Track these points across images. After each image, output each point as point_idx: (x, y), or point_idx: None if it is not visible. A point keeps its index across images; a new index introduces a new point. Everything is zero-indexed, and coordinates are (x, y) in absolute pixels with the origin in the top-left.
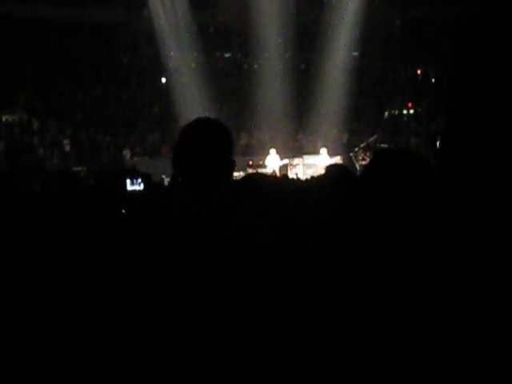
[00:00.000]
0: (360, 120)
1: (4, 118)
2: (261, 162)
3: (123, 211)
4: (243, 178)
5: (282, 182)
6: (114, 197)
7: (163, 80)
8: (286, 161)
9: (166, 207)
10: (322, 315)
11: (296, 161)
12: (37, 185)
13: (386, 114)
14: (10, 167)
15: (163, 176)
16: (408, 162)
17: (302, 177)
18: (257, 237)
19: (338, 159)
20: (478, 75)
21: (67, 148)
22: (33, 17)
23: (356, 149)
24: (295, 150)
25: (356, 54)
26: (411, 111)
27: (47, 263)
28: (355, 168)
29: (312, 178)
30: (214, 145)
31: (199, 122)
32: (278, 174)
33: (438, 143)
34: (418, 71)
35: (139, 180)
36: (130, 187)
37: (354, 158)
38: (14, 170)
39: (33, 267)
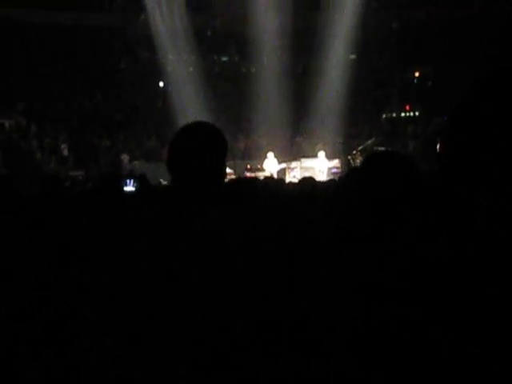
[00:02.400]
0: (357, 123)
1: (2, 123)
2: (259, 166)
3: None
4: (232, 181)
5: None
6: (110, 198)
7: (161, 84)
8: (283, 164)
9: (159, 211)
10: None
11: (294, 164)
12: (34, 189)
13: (384, 116)
14: (8, 171)
15: (161, 180)
16: (398, 165)
17: None
18: (252, 242)
19: (335, 162)
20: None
21: (65, 152)
22: (30, 21)
23: (354, 152)
24: (293, 153)
25: (353, 56)
26: (409, 114)
27: (44, 267)
28: None
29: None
30: (209, 150)
31: (196, 125)
32: (275, 177)
33: (438, 146)
34: (416, 73)
35: (132, 181)
36: (125, 188)
37: (351, 160)
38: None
39: (30, 270)
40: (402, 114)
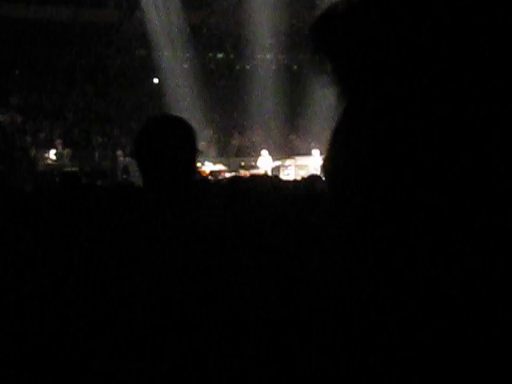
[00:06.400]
0: None
1: None
2: (253, 163)
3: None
4: (230, 180)
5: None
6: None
7: (155, 81)
8: (278, 162)
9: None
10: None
11: (288, 162)
12: (28, 185)
13: None
14: (2, 167)
15: None
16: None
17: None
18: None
19: None
20: None
21: (60, 148)
22: (26, 17)
23: None
24: (287, 150)
25: None
26: None
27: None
28: None
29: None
30: (173, 142)
31: (158, 119)
32: (270, 174)
33: None
34: None
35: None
36: None
37: None
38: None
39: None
40: None
